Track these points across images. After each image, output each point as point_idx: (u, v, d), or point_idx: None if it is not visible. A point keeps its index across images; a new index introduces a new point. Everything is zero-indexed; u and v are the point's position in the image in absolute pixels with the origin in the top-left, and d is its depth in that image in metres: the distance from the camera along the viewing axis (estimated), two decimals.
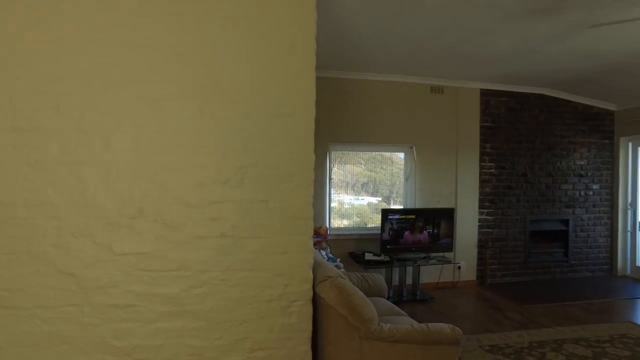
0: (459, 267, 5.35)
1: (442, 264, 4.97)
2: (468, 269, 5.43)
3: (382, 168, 5.43)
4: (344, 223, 5.27)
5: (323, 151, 4.95)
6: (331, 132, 4.97)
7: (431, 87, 5.25)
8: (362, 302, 2.15)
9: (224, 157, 2.09)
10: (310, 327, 2.18)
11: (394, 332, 2.17)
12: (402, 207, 5.25)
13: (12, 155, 1.89)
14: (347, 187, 5.32)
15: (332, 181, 5.19)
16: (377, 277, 3.53)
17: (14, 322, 1.90)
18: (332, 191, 5.21)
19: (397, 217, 4.70)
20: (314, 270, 2.33)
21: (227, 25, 2.07)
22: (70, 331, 1.95)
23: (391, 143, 5.17)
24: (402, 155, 5.31)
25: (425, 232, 4.79)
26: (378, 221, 4.85)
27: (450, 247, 4.92)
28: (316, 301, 2.27)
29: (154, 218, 2.02)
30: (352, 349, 2.18)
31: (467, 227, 5.40)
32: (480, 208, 5.46)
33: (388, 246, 4.68)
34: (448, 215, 4.88)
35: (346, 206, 5.32)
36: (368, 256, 4.67)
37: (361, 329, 2.14)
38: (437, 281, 5.24)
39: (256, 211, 2.11)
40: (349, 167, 5.33)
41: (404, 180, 5.31)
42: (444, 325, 2.26)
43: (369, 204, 5.32)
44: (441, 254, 4.93)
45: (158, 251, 2.02)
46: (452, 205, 5.28)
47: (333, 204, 5.27)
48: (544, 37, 3.71)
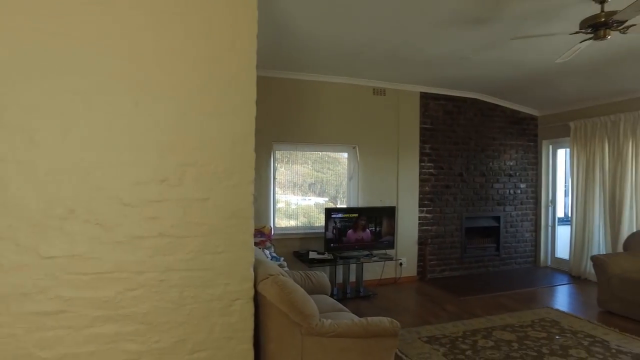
0: (401, 264, 5.55)
1: (385, 261, 5.14)
2: (409, 265, 5.64)
3: (329, 168, 5.51)
4: (291, 223, 5.28)
5: (267, 151, 4.94)
6: (275, 132, 4.97)
7: (373, 89, 5.41)
8: (303, 299, 2.19)
9: (162, 155, 2.03)
10: (251, 326, 2.18)
11: (335, 327, 2.22)
12: (345, 206, 5.36)
13: None
14: (295, 188, 5.35)
15: (279, 182, 5.19)
16: (321, 275, 3.59)
17: None
18: (280, 191, 5.22)
19: (341, 216, 4.80)
20: (256, 268, 2.33)
21: (165, 19, 2.01)
22: None
23: (335, 143, 5.26)
24: (346, 155, 5.42)
25: (367, 231, 4.93)
26: (324, 221, 4.92)
27: (392, 245, 5.10)
28: (258, 299, 2.27)
29: (87, 218, 1.92)
30: (294, 346, 2.20)
31: (408, 225, 5.62)
32: (420, 206, 5.70)
33: (332, 245, 4.76)
34: (389, 213, 5.06)
35: (293, 206, 5.34)
36: (312, 255, 4.72)
37: (302, 326, 2.18)
38: (380, 278, 5.40)
39: (196, 210, 2.07)
40: (296, 168, 5.36)
41: (347, 179, 5.43)
42: (383, 318, 2.35)
43: (316, 204, 5.38)
44: (383, 252, 5.09)
45: (91, 253, 1.93)
46: (394, 204, 5.47)
47: (280, 205, 5.27)
48: (475, 46, 3.95)
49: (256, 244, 4.36)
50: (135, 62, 1.98)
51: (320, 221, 5.22)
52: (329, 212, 4.75)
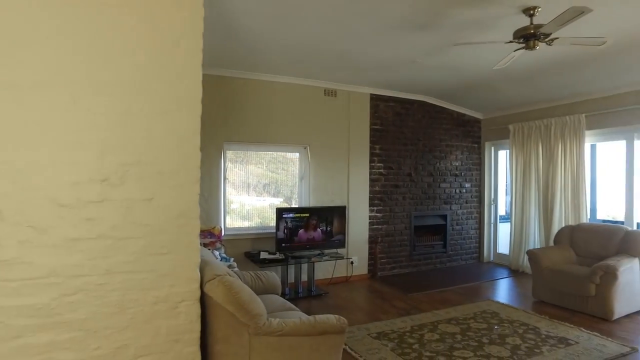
0: (352, 262, 5.66)
1: (336, 260, 5.21)
2: (360, 264, 5.76)
3: (284, 169, 5.51)
4: (246, 224, 5.24)
5: (217, 150, 4.87)
6: (226, 132, 4.92)
7: (325, 90, 5.48)
8: (250, 299, 2.19)
9: (103, 154, 1.96)
10: (198, 328, 2.15)
11: (282, 326, 2.24)
12: (296, 206, 5.38)
13: None
14: (249, 188, 5.31)
15: (234, 183, 5.14)
16: (271, 275, 3.59)
17: None
18: (234, 192, 5.17)
19: (292, 216, 4.82)
20: (202, 269, 2.30)
21: (106, 12, 1.94)
22: None
23: (286, 144, 5.27)
24: (297, 155, 5.44)
25: (319, 230, 4.98)
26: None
27: (343, 244, 5.18)
28: (204, 301, 2.24)
29: (17, 220, 1.81)
30: (241, 346, 2.20)
31: (359, 224, 5.73)
32: (370, 206, 5.84)
33: (283, 244, 4.77)
34: (340, 213, 5.14)
35: (247, 207, 5.30)
36: (263, 255, 4.71)
37: (250, 325, 2.17)
38: (332, 277, 5.47)
39: (139, 210, 2.02)
40: (251, 168, 5.32)
41: (299, 179, 5.46)
42: (331, 316, 2.39)
43: (271, 205, 5.37)
44: (334, 251, 5.16)
45: (22, 257, 1.82)
46: (345, 203, 5.56)
47: (235, 205, 5.21)
48: (421, 51, 4.11)
49: (206, 245, 4.29)
50: (73, 57, 1.89)
51: (274, 221, 5.21)
52: (280, 212, 4.75)
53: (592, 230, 4.83)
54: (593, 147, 5.80)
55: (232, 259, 4.05)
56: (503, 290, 5.31)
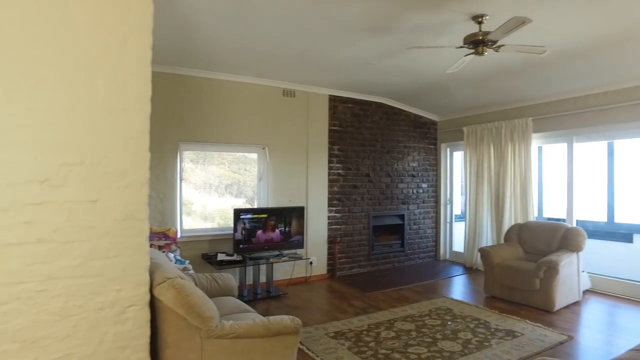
0: (311, 263, 5.68)
1: (295, 261, 5.21)
2: (319, 264, 5.79)
3: (246, 169, 5.45)
4: (208, 225, 5.15)
5: (173, 150, 4.75)
6: (183, 131, 4.81)
7: (283, 91, 5.47)
8: (201, 302, 2.15)
9: (42, 153, 1.86)
10: (147, 333, 2.08)
11: (235, 328, 2.21)
12: (254, 207, 5.33)
13: None
14: (211, 189, 5.21)
15: (195, 183, 5.04)
16: (227, 277, 3.54)
17: None
18: (195, 193, 5.07)
19: (250, 217, 4.77)
20: (152, 272, 2.23)
21: (46, 6, 1.85)
22: None
23: (244, 144, 5.22)
24: (256, 156, 5.40)
25: (277, 231, 4.96)
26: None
27: (301, 244, 5.19)
28: (155, 305, 2.18)
29: None
30: (193, 350, 2.15)
31: (318, 225, 5.76)
32: (329, 206, 5.88)
33: (241, 246, 4.72)
34: (299, 213, 5.14)
35: (210, 208, 5.20)
36: (221, 257, 4.64)
37: (201, 329, 2.13)
38: (291, 277, 5.47)
39: (83, 212, 1.93)
40: (213, 169, 5.22)
41: (258, 180, 5.41)
42: (285, 317, 2.39)
43: (233, 206, 5.30)
44: (293, 251, 5.16)
45: None
46: (304, 204, 5.57)
47: (196, 207, 5.10)
48: (378, 53, 4.19)
49: (160, 248, 4.18)
50: (9, 52, 1.79)
51: None
52: (238, 213, 4.70)
53: (538, 227, 5.10)
54: (540, 149, 6.12)
55: (188, 262, 3.97)
56: (457, 287, 5.50)
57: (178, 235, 4.71)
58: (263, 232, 4.88)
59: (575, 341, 3.59)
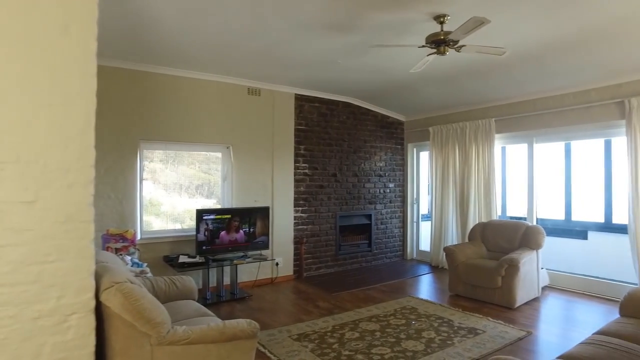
0: (277, 264, 5.59)
1: (260, 262, 5.12)
2: (285, 265, 5.71)
3: (217, 170, 5.31)
4: (177, 226, 5.00)
5: (133, 149, 4.57)
6: (143, 130, 4.64)
7: (248, 89, 5.36)
8: (151, 306, 2.04)
9: None
10: (92, 342, 1.96)
11: (189, 334, 2.11)
12: (218, 207, 5.20)
13: None
14: (182, 190, 5.05)
15: (165, 183, 4.90)
16: (187, 279, 3.42)
17: None
18: (164, 193, 4.92)
19: (213, 218, 4.65)
20: (100, 277, 2.11)
21: None
22: None
23: (208, 143, 5.08)
24: (220, 155, 5.27)
25: (241, 232, 4.85)
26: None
27: (266, 245, 5.09)
28: (101, 311, 2.05)
29: None
30: (143, 358, 2.04)
31: (284, 225, 5.68)
32: (295, 206, 5.81)
33: (204, 247, 4.59)
34: (264, 214, 5.05)
35: (180, 209, 5.03)
36: (182, 258, 4.49)
37: (152, 335, 2.03)
38: (256, 279, 5.37)
39: (17, 215, 1.79)
40: (183, 169, 5.06)
41: (222, 180, 5.28)
42: (241, 320, 2.30)
43: (204, 206, 5.16)
44: (258, 252, 5.06)
45: None
46: (269, 204, 5.48)
47: (165, 207, 4.93)
48: (342, 51, 4.15)
49: (117, 250, 4.01)
50: None
51: None
52: (200, 214, 4.57)
53: (500, 226, 5.20)
54: (504, 149, 6.26)
55: (145, 264, 3.81)
56: (423, 286, 5.55)
57: (138, 237, 4.54)
58: (227, 233, 4.76)
59: (533, 336, 3.67)
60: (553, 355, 2.96)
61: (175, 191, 5.02)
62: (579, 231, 5.55)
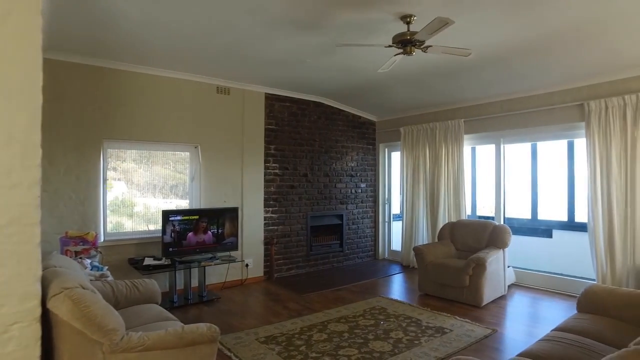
0: (247, 265, 5.51)
1: (229, 263, 5.02)
2: (256, 266, 5.63)
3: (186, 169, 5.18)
4: (150, 227, 4.86)
5: (96, 149, 4.41)
6: (107, 128, 4.48)
7: (217, 88, 5.26)
8: (104, 313, 1.94)
9: None
10: (36, 354, 1.84)
11: (144, 340, 2.03)
12: (185, 208, 5.08)
13: None
14: (155, 190, 4.89)
15: (138, 184, 4.77)
16: (150, 283, 3.31)
17: None
18: (138, 194, 4.79)
19: (180, 219, 4.53)
20: (49, 282, 2.00)
21: None
22: None
23: (175, 142, 4.95)
24: (188, 154, 5.14)
25: (209, 233, 4.75)
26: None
27: (236, 246, 5.00)
28: (49, 319, 1.95)
29: None
30: None
31: (254, 226, 5.60)
32: (265, 207, 5.74)
33: (170, 249, 4.47)
34: (233, 214, 4.96)
35: (153, 210, 4.88)
36: (147, 261, 4.36)
37: (104, 343, 1.93)
38: (225, 280, 5.27)
39: None
40: (157, 169, 4.91)
41: (189, 180, 5.16)
42: (201, 324, 2.24)
43: (178, 207, 5.03)
44: (227, 254, 4.97)
45: None
46: (239, 204, 5.39)
47: (137, 208, 4.78)
48: (310, 50, 4.11)
49: (77, 253, 3.85)
50: None
51: None
52: (167, 215, 4.44)
53: (468, 225, 5.28)
54: (473, 150, 6.35)
55: (106, 268, 3.67)
56: (394, 286, 5.57)
57: (100, 239, 4.38)
58: (194, 235, 4.65)
59: (499, 334, 3.73)
60: (516, 352, 3.00)
61: (149, 191, 4.88)
62: (544, 230, 5.69)
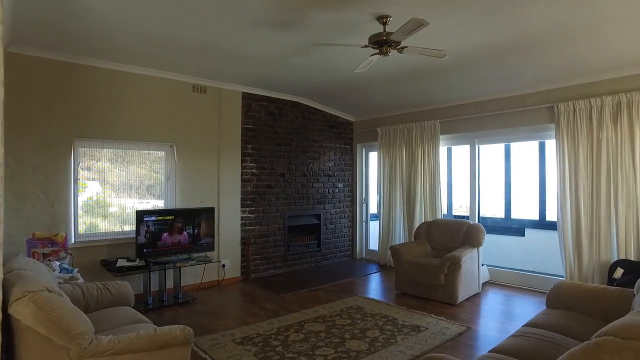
0: (224, 266, 5.45)
1: (205, 264, 4.96)
2: (233, 267, 5.57)
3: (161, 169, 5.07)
4: (126, 228, 4.75)
5: (67, 148, 4.28)
6: (79, 127, 4.36)
7: (193, 86, 5.18)
8: (70, 316, 1.88)
9: None
10: None
11: (114, 344, 1.98)
12: (159, 208, 4.98)
13: None
14: (131, 190, 4.77)
15: (114, 184, 4.65)
16: (122, 285, 3.23)
17: None
18: (113, 194, 4.67)
19: (154, 219, 4.44)
20: (11, 286, 1.92)
21: None
22: None
23: (149, 141, 4.85)
24: (163, 154, 5.05)
25: (185, 233, 4.67)
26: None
27: (212, 247, 4.94)
28: (11, 325, 1.87)
29: None
30: None
31: (230, 226, 5.54)
32: (242, 207, 5.68)
33: (145, 250, 4.37)
34: (209, 214, 4.89)
35: (129, 211, 4.75)
36: (121, 262, 4.25)
37: (71, 348, 1.87)
38: (201, 282, 5.20)
39: None
40: (133, 169, 4.79)
41: (165, 180, 5.06)
42: (174, 326, 2.20)
43: (154, 207, 4.92)
44: (203, 254, 4.89)
45: None
46: (215, 204, 5.33)
47: (113, 209, 4.65)
48: (287, 49, 4.09)
49: (46, 255, 3.73)
50: None
51: None
52: (141, 215, 4.35)
53: (444, 225, 5.36)
54: (449, 150, 6.45)
55: (76, 270, 3.56)
56: (370, 285, 5.60)
57: (71, 240, 4.26)
58: (169, 235, 4.56)
59: (473, 331, 3.80)
60: (489, 348, 3.06)
61: (124, 192, 4.76)
62: (517, 228, 5.83)
